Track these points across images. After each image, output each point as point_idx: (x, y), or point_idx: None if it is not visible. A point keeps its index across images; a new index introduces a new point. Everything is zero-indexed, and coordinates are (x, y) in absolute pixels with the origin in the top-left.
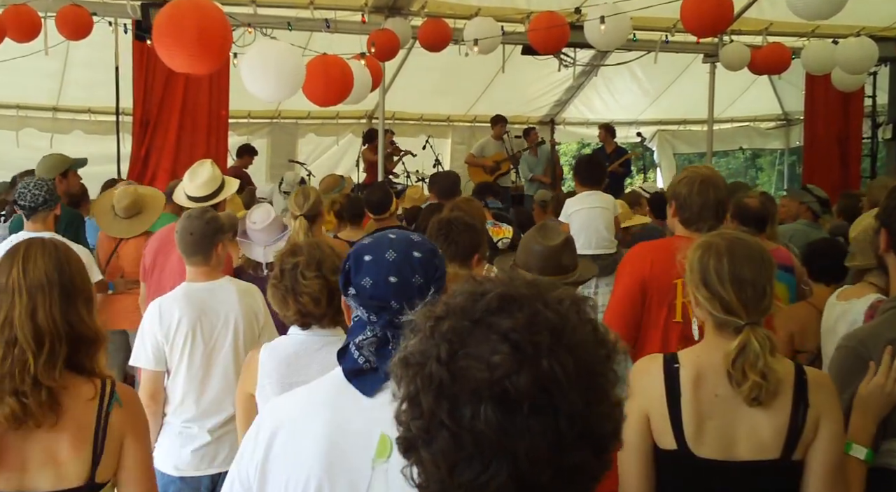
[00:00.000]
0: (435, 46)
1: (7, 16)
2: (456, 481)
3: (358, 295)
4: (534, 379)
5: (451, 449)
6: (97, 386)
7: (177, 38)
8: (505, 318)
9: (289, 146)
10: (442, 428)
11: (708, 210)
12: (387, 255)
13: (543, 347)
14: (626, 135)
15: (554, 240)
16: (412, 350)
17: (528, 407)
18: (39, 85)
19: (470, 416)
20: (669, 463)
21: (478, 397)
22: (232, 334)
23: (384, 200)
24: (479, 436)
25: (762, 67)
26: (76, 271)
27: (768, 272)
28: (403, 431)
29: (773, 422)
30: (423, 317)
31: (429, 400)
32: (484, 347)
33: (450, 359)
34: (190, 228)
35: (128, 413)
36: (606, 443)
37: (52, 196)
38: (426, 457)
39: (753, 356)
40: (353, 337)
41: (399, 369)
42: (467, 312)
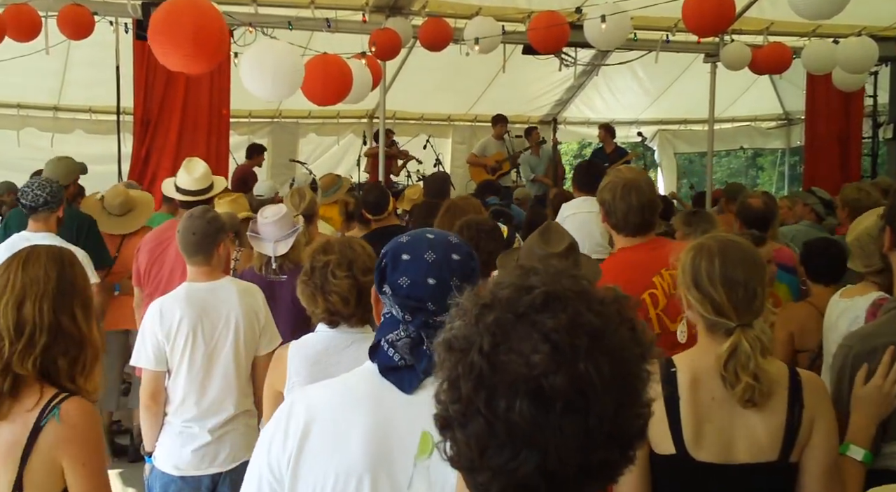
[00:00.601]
0: (436, 46)
1: (7, 15)
2: (486, 463)
3: (394, 294)
4: (570, 380)
5: (485, 435)
6: (43, 396)
7: (172, 37)
8: (548, 317)
9: (290, 146)
10: (478, 415)
11: (633, 215)
12: (426, 255)
13: (582, 350)
14: (626, 134)
15: (557, 246)
16: (456, 334)
17: (561, 406)
18: (40, 84)
19: (505, 407)
20: (668, 468)
21: (515, 390)
22: (233, 334)
23: (380, 200)
24: (512, 427)
25: (763, 67)
26: (78, 274)
27: (760, 274)
28: (441, 410)
29: (769, 424)
30: (469, 302)
31: (468, 387)
32: (525, 344)
33: (492, 351)
34: (192, 227)
35: (66, 432)
36: (633, 441)
37: (54, 198)
38: (460, 438)
39: (744, 358)
40: (385, 334)
41: (443, 350)
42: (512, 306)
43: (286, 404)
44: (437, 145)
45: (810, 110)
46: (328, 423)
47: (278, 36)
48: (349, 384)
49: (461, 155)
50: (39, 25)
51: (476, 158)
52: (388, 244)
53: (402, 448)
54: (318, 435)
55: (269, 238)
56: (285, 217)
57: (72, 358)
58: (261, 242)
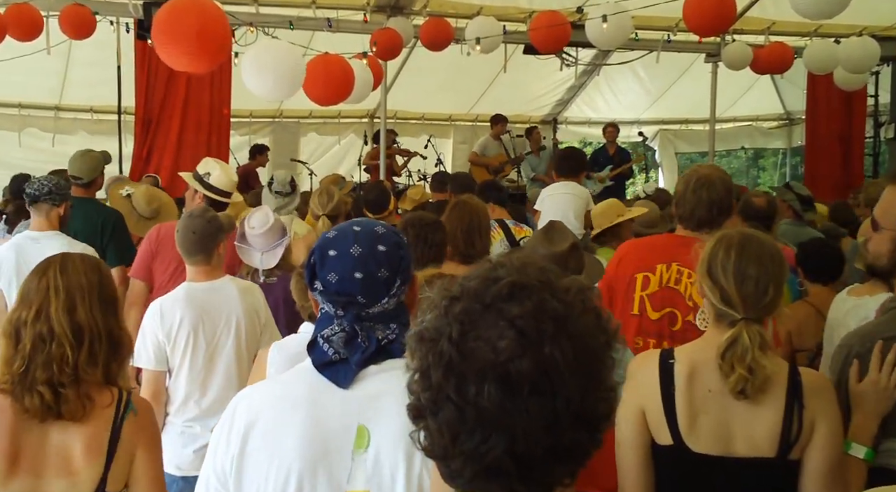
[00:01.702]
0: (437, 46)
1: (9, 15)
2: (458, 448)
3: (324, 290)
4: (535, 364)
5: (455, 421)
6: (114, 394)
7: (176, 37)
8: (514, 305)
9: (291, 145)
10: (448, 401)
11: (700, 209)
12: (351, 250)
13: (547, 334)
14: (627, 134)
15: (560, 245)
16: (427, 326)
17: (528, 389)
18: (41, 84)
19: (474, 393)
20: (667, 458)
21: (483, 376)
22: (234, 334)
23: (381, 199)
24: (481, 411)
25: (764, 67)
26: (111, 282)
27: (777, 273)
28: (413, 399)
29: (765, 420)
30: (439, 295)
31: (438, 375)
32: (492, 331)
33: (460, 339)
34: (193, 226)
35: (141, 423)
36: (599, 424)
37: (58, 191)
38: (432, 425)
39: (742, 350)
40: (320, 330)
41: (414, 342)
42: (480, 296)
43: (230, 409)
44: (439, 145)
45: (811, 110)
46: (268, 423)
47: (279, 36)
48: (287, 383)
49: (462, 155)
50: (41, 25)
51: (478, 158)
52: (317, 241)
53: (339, 444)
54: (258, 436)
55: (257, 248)
56: (273, 227)
57: (120, 360)
58: (248, 252)
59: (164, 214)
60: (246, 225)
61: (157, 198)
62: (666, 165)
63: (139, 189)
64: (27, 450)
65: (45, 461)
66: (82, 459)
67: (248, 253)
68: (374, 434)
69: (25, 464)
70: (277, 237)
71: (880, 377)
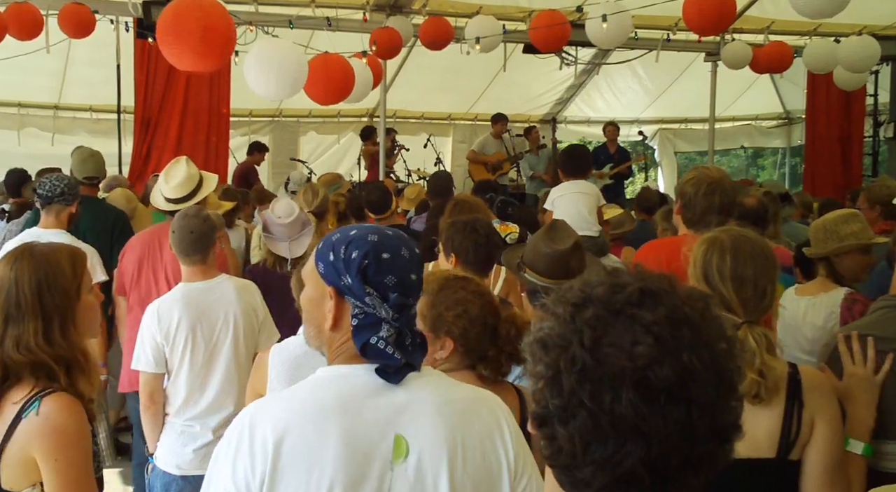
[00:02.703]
0: (436, 45)
1: (9, 14)
2: (589, 457)
3: (379, 295)
4: (675, 371)
5: (589, 428)
6: (28, 392)
7: (181, 37)
8: (646, 311)
9: (290, 144)
10: (581, 408)
11: (711, 213)
12: (402, 252)
13: (685, 341)
14: (627, 133)
15: (563, 244)
16: (550, 333)
17: (665, 396)
18: (41, 83)
19: (610, 400)
20: None
21: (620, 382)
22: (232, 332)
23: (384, 199)
24: (617, 419)
25: (764, 66)
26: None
27: (770, 272)
28: (539, 407)
29: (765, 420)
30: (557, 302)
31: (571, 381)
32: (626, 337)
33: (594, 345)
34: (189, 226)
35: (42, 428)
36: (731, 433)
37: (70, 191)
38: (562, 433)
39: (750, 355)
40: (369, 334)
41: (538, 349)
42: (609, 303)
43: (243, 422)
44: (438, 144)
45: (811, 109)
46: (300, 438)
47: (279, 35)
48: (311, 396)
49: (462, 154)
50: (40, 24)
51: (476, 156)
52: (353, 243)
53: (376, 454)
54: (292, 453)
55: (283, 238)
56: (298, 217)
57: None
58: (275, 242)
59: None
60: (271, 215)
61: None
62: (665, 164)
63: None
64: None
65: None
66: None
67: (273, 243)
68: (412, 443)
69: None
70: (302, 226)
71: (856, 368)
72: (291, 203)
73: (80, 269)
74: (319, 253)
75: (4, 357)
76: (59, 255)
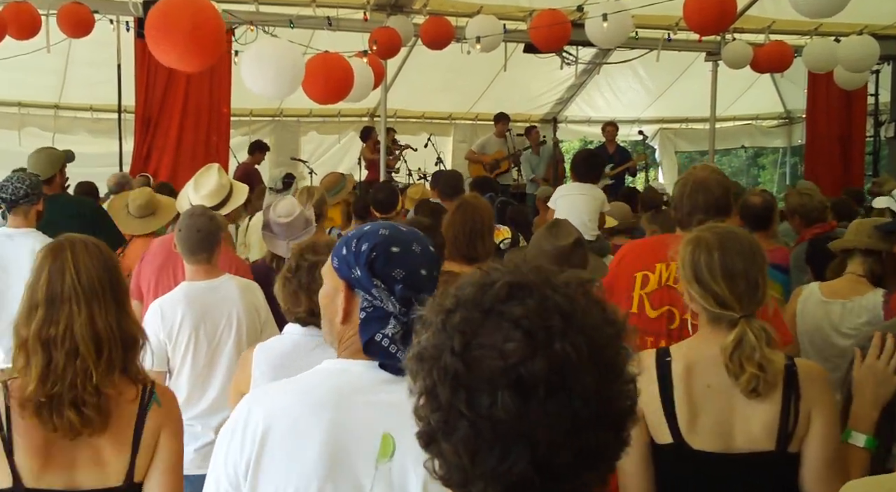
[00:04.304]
0: (437, 44)
1: (8, 13)
2: (478, 470)
3: (387, 287)
4: (548, 363)
5: (471, 438)
6: (138, 389)
7: (168, 34)
8: (515, 305)
9: (291, 144)
10: (461, 418)
11: (697, 212)
12: (413, 247)
13: (556, 331)
14: (627, 133)
15: (564, 240)
16: (426, 344)
17: (543, 391)
18: (41, 83)
19: (487, 404)
20: (667, 457)
21: (494, 385)
22: (235, 332)
23: (390, 199)
24: (497, 423)
25: (764, 66)
26: (120, 273)
27: (759, 264)
28: (423, 425)
29: (763, 413)
30: (433, 311)
31: (446, 392)
32: (497, 336)
33: (463, 350)
34: (197, 225)
35: (165, 412)
36: (624, 420)
37: (34, 191)
38: (447, 448)
39: (749, 349)
40: (375, 329)
41: (414, 364)
42: (478, 303)
43: (243, 408)
44: (439, 144)
45: (811, 109)
46: (287, 428)
47: (279, 34)
48: (307, 387)
49: (462, 153)
50: (39, 24)
51: (474, 155)
52: (364, 237)
53: (361, 451)
54: (277, 441)
55: (283, 237)
56: (299, 217)
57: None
58: (274, 240)
59: (158, 214)
60: (272, 214)
61: (145, 195)
62: (666, 163)
63: (134, 191)
64: (58, 449)
65: (76, 455)
66: (110, 452)
67: (273, 242)
68: (399, 444)
69: (60, 458)
70: (303, 227)
71: (878, 363)
72: (293, 202)
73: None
74: (335, 249)
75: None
76: (104, 246)
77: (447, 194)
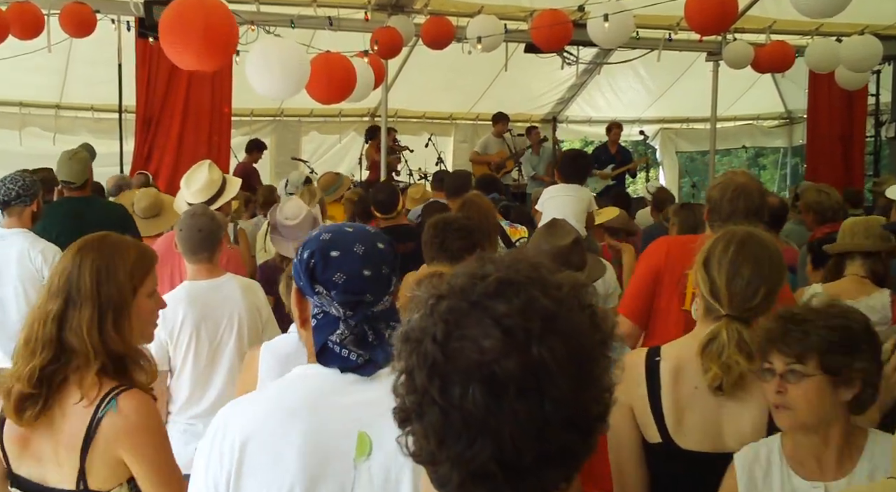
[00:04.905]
0: (438, 44)
1: (10, 13)
2: (444, 454)
3: (328, 292)
4: (522, 364)
5: (441, 424)
6: (100, 391)
7: (183, 36)
8: (501, 302)
9: (292, 144)
10: (433, 404)
11: (737, 217)
12: (355, 248)
13: (534, 333)
14: (628, 133)
15: (563, 240)
16: (413, 326)
17: (514, 391)
18: (42, 83)
19: (459, 395)
20: (657, 456)
21: (467, 377)
22: (236, 332)
23: (391, 199)
24: (466, 415)
25: (765, 66)
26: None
27: (773, 276)
28: (399, 402)
29: (751, 416)
30: (426, 294)
31: (422, 377)
32: (477, 330)
33: (445, 339)
34: (198, 225)
35: (122, 422)
36: (592, 426)
37: (26, 191)
38: (418, 429)
39: (719, 347)
40: (326, 335)
41: (399, 343)
42: (466, 294)
43: (220, 421)
44: (439, 144)
45: (812, 109)
46: (264, 438)
47: (281, 34)
48: (280, 395)
49: (463, 154)
50: (42, 23)
51: (479, 156)
52: (307, 244)
53: (340, 453)
54: (256, 453)
55: (290, 238)
56: (306, 218)
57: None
58: (282, 242)
59: (163, 215)
60: (279, 215)
61: (151, 196)
62: (667, 163)
63: (140, 191)
64: (32, 442)
65: (44, 449)
66: (63, 455)
67: (280, 243)
68: (376, 441)
69: (32, 449)
70: (309, 228)
71: (886, 367)
72: (300, 204)
73: (140, 269)
74: None
75: (63, 339)
76: (124, 250)
77: (452, 193)
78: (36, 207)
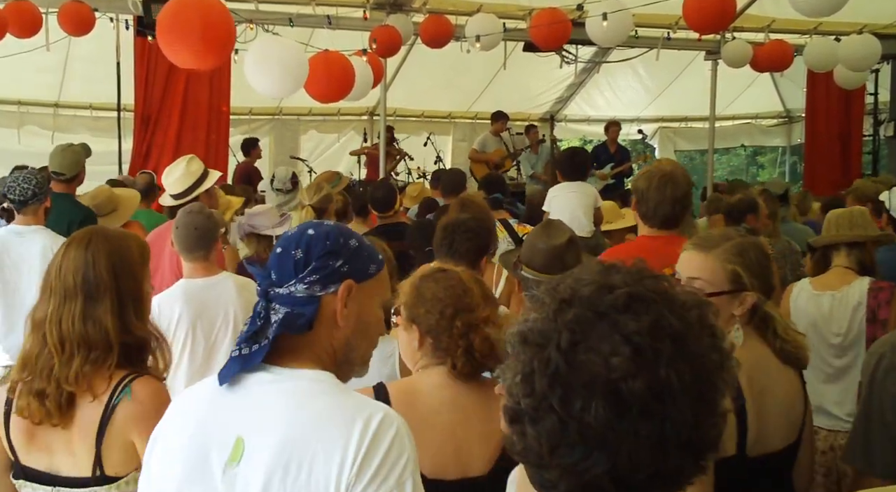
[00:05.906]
0: (436, 43)
1: (8, 11)
2: (555, 461)
3: None
4: (649, 386)
5: (557, 433)
6: (112, 380)
7: (181, 35)
8: (630, 318)
9: (291, 143)
10: (551, 412)
11: (664, 206)
12: (288, 232)
13: (664, 355)
14: (627, 132)
15: (558, 239)
16: (532, 327)
17: (637, 410)
18: (41, 81)
19: (580, 407)
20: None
21: (591, 391)
22: (232, 330)
23: (389, 198)
24: (585, 427)
25: (764, 65)
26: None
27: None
28: (512, 403)
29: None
30: (548, 296)
31: (542, 383)
32: (605, 345)
33: (570, 348)
34: (194, 223)
35: (139, 411)
36: (706, 451)
37: (41, 189)
38: (531, 433)
39: None
40: None
41: (517, 343)
42: (594, 304)
43: None
44: (438, 143)
45: (811, 108)
46: (163, 444)
47: (279, 33)
48: (182, 400)
49: (462, 152)
50: (40, 22)
51: (478, 154)
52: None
53: (218, 457)
54: (157, 457)
55: (265, 226)
56: (271, 210)
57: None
58: (261, 231)
59: (121, 209)
60: (246, 216)
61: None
62: None
63: (93, 190)
64: (39, 434)
65: (53, 439)
66: (78, 444)
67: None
68: (247, 447)
69: (41, 440)
70: (277, 217)
71: None
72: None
73: (146, 257)
74: None
75: (86, 335)
76: (128, 241)
77: (447, 192)
78: (49, 203)
